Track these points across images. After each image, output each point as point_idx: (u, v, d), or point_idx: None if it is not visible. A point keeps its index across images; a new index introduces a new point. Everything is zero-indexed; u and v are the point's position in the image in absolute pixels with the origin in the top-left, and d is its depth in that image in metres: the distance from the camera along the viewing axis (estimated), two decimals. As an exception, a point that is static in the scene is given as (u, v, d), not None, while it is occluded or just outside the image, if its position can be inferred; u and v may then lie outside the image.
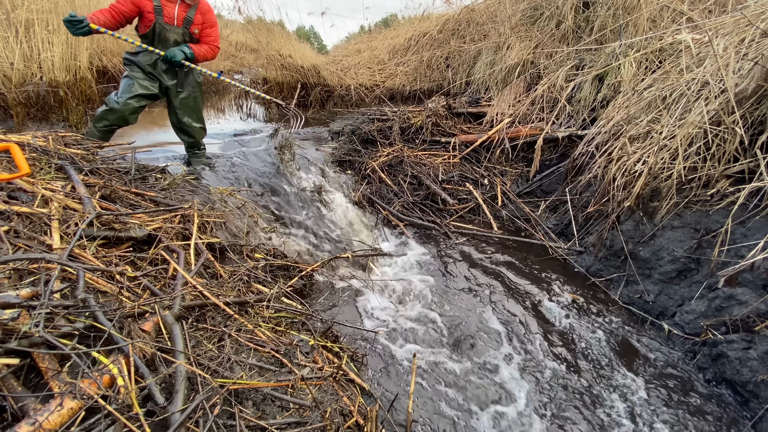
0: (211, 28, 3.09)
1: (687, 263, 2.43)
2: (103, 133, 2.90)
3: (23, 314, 1.14)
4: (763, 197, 2.17)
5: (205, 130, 3.42)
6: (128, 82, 2.91)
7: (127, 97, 2.86)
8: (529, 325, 2.41)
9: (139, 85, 2.91)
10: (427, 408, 1.81)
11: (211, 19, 3.07)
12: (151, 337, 1.32)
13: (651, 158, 2.64)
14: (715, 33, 2.69)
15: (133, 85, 2.89)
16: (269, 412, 1.28)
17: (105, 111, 2.87)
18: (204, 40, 3.09)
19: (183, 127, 3.26)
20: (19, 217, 1.60)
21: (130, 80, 2.91)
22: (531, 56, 4.98)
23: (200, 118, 3.33)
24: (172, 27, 2.91)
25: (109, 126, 2.91)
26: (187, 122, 3.24)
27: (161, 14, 2.83)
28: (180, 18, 2.91)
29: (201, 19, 3.00)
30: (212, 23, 3.09)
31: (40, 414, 0.94)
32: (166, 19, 2.87)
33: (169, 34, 2.92)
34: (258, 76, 8.05)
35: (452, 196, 4.09)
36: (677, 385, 2.03)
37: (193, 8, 2.94)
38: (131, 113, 2.91)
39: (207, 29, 3.06)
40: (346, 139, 4.84)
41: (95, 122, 2.90)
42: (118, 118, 2.88)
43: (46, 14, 4.23)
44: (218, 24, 3.14)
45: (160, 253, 1.84)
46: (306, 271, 2.48)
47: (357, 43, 10.10)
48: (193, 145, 3.38)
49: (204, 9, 3.00)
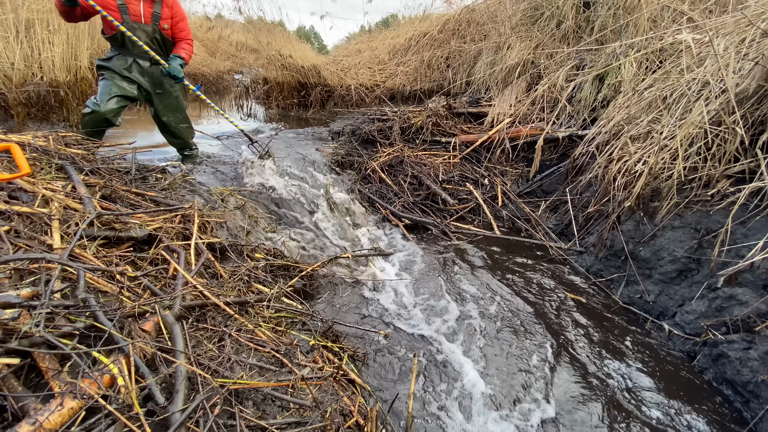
0: (182, 21, 2.97)
1: (687, 263, 2.43)
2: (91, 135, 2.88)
3: (24, 314, 1.14)
4: (763, 197, 2.17)
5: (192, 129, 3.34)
6: (106, 84, 2.86)
7: (107, 99, 2.82)
8: (529, 326, 2.41)
9: (117, 86, 2.87)
10: (425, 407, 1.81)
11: (179, 11, 2.95)
12: (152, 336, 1.32)
13: (651, 158, 2.64)
14: (716, 33, 2.69)
15: (112, 87, 2.85)
16: (269, 412, 1.29)
17: (86, 114, 2.84)
18: (178, 35, 2.97)
19: (169, 129, 3.20)
20: (20, 217, 1.60)
21: (108, 82, 2.87)
22: (531, 56, 4.98)
23: (185, 117, 3.26)
24: (140, 25, 2.79)
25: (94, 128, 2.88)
26: (172, 123, 3.17)
27: (126, 12, 2.72)
28: (147, 15, 2.79)
29: (169, 13, 2.88)
30: (182, 15, 2.97)
31: (40, 414, 0.94)
32: (133, 17, 2.75)
33: (138, 33, 2.80)
34: (258, 76, 8.06)
35: (452, 196, 4.08)
36: (677, 385, 2.03)
37: (158, 3, 2.82)
38: (113, 114, 2.86)
39: (179, 23, 2.94)
40: (346, 139, 4.85)
41: (81, 126, 2.89)
42: (100, 120, 2.84)
43: (47, 14, 4.23)
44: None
45: (161, 253, 1.84)
46: (306, 271, 2.48)
47: (357, 43, 10.10)
48: (183, 146, 3.33)
49: (170, 2, 2.88)
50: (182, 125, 3.23)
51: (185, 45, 3.02)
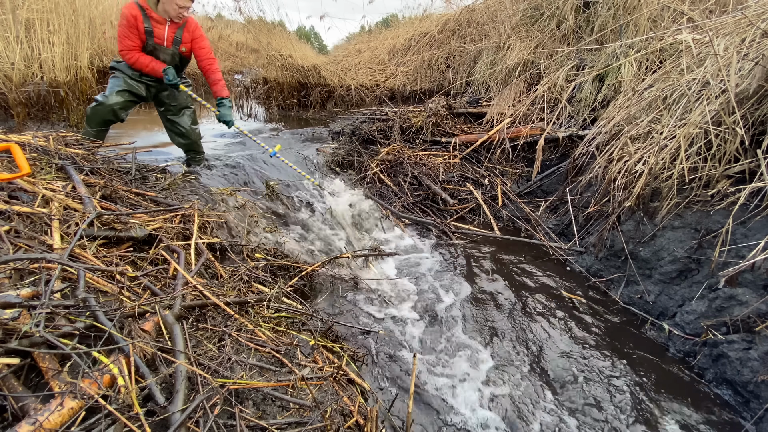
0: (202, 40, 3.13)
1: (687, 263, 2.43)
2: (97, 131, 2.93)
3: (24, 314, 1.14)
4: (763, 197, 2.17)
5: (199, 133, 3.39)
6: (116, 80, 2.97)
7: (116, 91, 2.91)
8: (529, 326, 2.41)
9: (126, 83, 2.96)
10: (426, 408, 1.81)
11: (199, 34, 3.12)
12: (152, 336, 1.32)
13: (651, 158, 2.64)
14: (716, 33, 2.69)
15: (121, 83, 2.95)
16: (269, 412, 1.28)
17: (94, 106, 2.91)
18: (199, 54, 3.13)
19: (177, 130, 3.25)
20: (20, 216, 1.60)
21: (118, 79, 2.98)
22: (531, 56, 4.98)
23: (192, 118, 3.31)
24: (162, 47, 2.97)
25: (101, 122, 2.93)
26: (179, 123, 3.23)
27: (152, 35, 2.90)
28: (169, 39, 2.97)
29: (189, 37, 3.06)
30: (202, 36, 3.13)
31: (40, 414, 0.94)
32: (157, 40, 2.93)
33: (160, 54, 2.99)
34: (258, 76, 8.06)
35: (453, 196, 4.08)
36: (677, 386, 2.03)
37: (180, 28, 3.00)
38: (120, 108, 2.94)
39: (199, 43, 3.11)
40: (346, 139, 4.85)
41: (88, 121, 2.92)
42: (108, 111, 2.90)
43: (47, 14, 4.23)
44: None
45: (161, 253, 1.84)
46: (306, 271, 2.48)
47: (357, 44, 10.10)
48: (189, 147, 3.34)
49: (192, 27, 3.06)
50: (191, 127, 3.27)
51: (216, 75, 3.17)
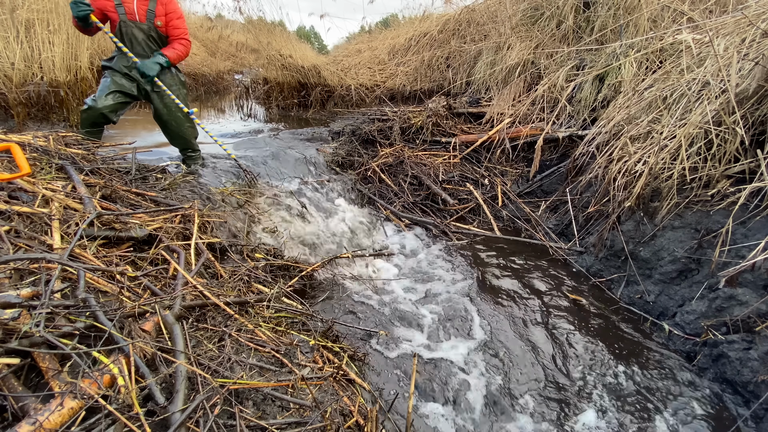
0: (178, 19, 2.98)
1: (687, 263, 2.43)
2: (90, 134, 2.90)
3: (24, 314, 1.14)
4: (763, 197, 2.17)
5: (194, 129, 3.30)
6: (105, 81, 2.92)
7: (104, 95, 2.86)
8: (529, 326, 2.41)
9: (116, 83, 2.89)
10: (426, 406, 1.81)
11: (175, 9, 2.97)
12: (152, 336, 1.32)
13: (651, 158, 2.64)
14: (716, 33, 2.69)
15: (111, 84, 2.89)
16: (269, 412, 1.28)
17: (84, 110, 2.87)
18: (172, 33, 2.99)
19: (170, 129, 3.17)
20: (20, 216, 1.60)
21: (107, 79, 2.92)
22: (531, 56, 4.98)
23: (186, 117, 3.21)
24: (136, 23, 2.85)
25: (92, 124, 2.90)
26: (174, 123, 3.15)
27: (123, 12, 2.80)
28: (141, 13, 2.84)
29: (163, 10, 2.92)
30: (178, 14, 2.98)
31: (40, 414, 0.94)
32: (129, 15, 2.82)
33: (135, 31, 2.86)
34: (258, 76, 8.06)
35: (453, 196, 4.08)
36: (677, 386, 2.03)
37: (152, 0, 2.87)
38: (109, 110, 2.87)
39: (174, 20, 2.96)
40: (346, 139, 4.84)
41: (81, 125, 2.90)
42: (98, 115, 2.86)
43: (47, 14, 4.23)
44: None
45: (161, 253, 1.84)
46: (306, 271, 2.48)
47: (357, 44, 10.10)
48: (185, 146, 3.29)
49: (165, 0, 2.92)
50: (184, 125, 3.19)
51: (177, 44, 3.03)
